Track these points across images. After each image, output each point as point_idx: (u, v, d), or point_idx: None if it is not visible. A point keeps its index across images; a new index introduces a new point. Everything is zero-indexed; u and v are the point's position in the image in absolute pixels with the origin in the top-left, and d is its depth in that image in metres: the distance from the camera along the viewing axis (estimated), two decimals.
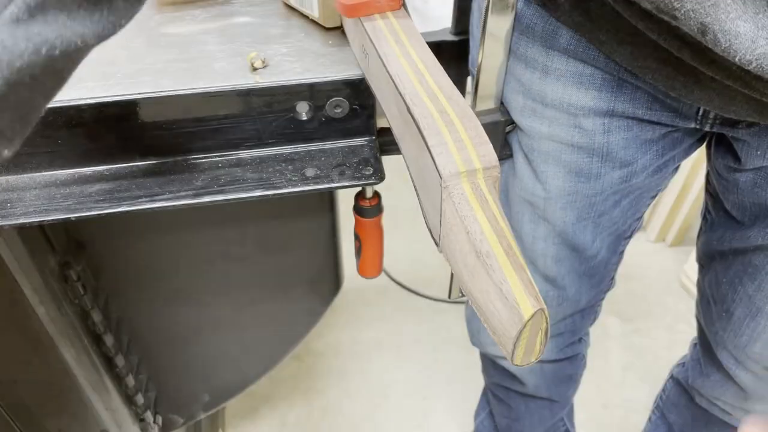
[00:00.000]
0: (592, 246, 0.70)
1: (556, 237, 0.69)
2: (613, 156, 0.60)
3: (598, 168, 0.61)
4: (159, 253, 0.74)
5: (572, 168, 0.62)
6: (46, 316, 0.65)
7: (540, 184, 0.64)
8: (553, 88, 0.57)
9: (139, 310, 0.79)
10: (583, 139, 0.59)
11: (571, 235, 0.68)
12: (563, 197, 0.64)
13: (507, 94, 0.62)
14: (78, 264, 0.68)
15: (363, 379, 1.43)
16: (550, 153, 0.62)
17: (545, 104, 0.58)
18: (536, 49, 0.56)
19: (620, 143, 0.59)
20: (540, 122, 0.60)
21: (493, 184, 0.37)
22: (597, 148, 0.59)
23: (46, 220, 0.51)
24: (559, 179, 0.63)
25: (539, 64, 0.57)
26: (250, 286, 0.82)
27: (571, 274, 0.74)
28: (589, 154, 0.60)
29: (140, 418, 0.87)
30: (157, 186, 0.54)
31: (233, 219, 0.72)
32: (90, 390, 0.75)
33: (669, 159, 0.63)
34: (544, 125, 0.60)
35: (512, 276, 0.32)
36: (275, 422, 1.35)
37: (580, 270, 0.74)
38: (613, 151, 0.59)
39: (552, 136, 0.60)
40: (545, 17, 0.54)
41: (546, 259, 0.72)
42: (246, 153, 0.57)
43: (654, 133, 0.59)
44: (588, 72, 0.55)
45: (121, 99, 0.52)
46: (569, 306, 0.79)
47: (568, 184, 0.63)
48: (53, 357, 0.68)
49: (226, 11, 0.63)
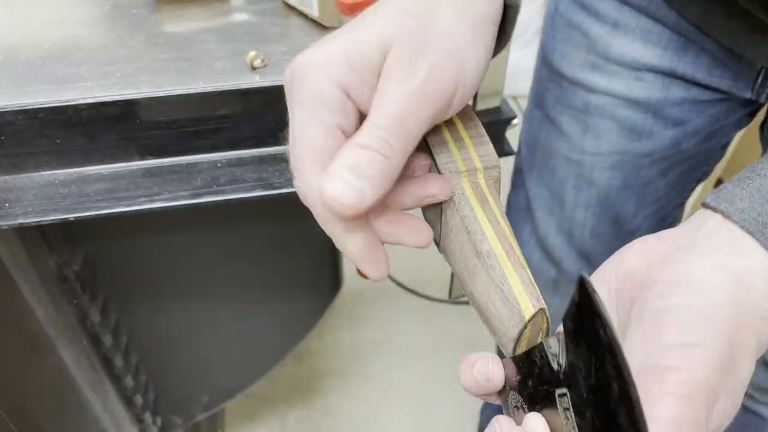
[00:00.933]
0: (633, 220, 0.70)
1: (598, 204, 0.69)
2: (666, 113, 0.61)
3: (651, 125, 0.62)
4: (158, 253, 0.73)
5: (626, 124, 0.63)
6: (45, 316, 0.65)
7: (592, 139, 0.65)
8: (620, 42, 0.59)
9: (137, 310, 0.79)
10: (641, 93, 0.61)
11: (613, 200, 0.68)
12: (613, 155, 0.65)
13: (565, 50, 0.64)
14: (76, 264, 0.68)
15: (363, 379, 1.43)
16: (605, 107, 0.63)
17: (608, 58, 0.60)
18: (609, 2, 0.58)
19: (676, 101, 0.60)
20: (600, 76, 0.61)
21: (494, 183, 0.37)
22: (653, 104, 0.61)
23: (44, 221, 0.51)
24: (612, 134, 0.64)
25: (610, 18, 0.59)
26: (250, 286, 0.81)
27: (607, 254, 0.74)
28: (645, 109, 0.61)
29: (139, 419, 0.86)
30: (156, 186, 0.54)
31: (233, 219, 0.72)
32: (89, 391, 0.74)
33: (719, 128, 0.64)
34: (604, 79, 0.61)
35: (513, 276, 0.32)
36: (275, 423, 1.35)
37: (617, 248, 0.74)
38: (667, 108, 0.61)
39: (610, 89, 0.62)
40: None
41: (584, 231, 0.72)
42: (246, 153, 0.57)
43: (711, 97, 0.60)
44: (657, 30, 0.57)
45: (119, 98, 0.51)
46: None
47: (620, 141, 0.64)
48: (52, 357, 0.68)
49: (225, 10, 0.63)
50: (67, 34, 0.59)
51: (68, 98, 0.51)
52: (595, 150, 0.66)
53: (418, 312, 1.55)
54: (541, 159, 0.72)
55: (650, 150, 0.64)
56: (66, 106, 0.51)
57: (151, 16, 0.62)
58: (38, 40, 0.58)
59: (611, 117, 0.63)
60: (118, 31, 0.59)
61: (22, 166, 0.54)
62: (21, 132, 0.51)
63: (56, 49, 0.56)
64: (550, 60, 0.67)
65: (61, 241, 0.67)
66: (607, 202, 0.69)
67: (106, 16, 0.61)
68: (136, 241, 0.71)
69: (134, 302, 0.78)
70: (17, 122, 0.51)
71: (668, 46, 0.57)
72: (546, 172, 0.72)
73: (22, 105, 0.50)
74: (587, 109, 0.64)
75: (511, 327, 0.32)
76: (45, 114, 0.51)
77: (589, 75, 0.62)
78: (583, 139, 0.66)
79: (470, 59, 0.33)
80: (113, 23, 0.60)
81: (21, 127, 0.51)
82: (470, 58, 0.33)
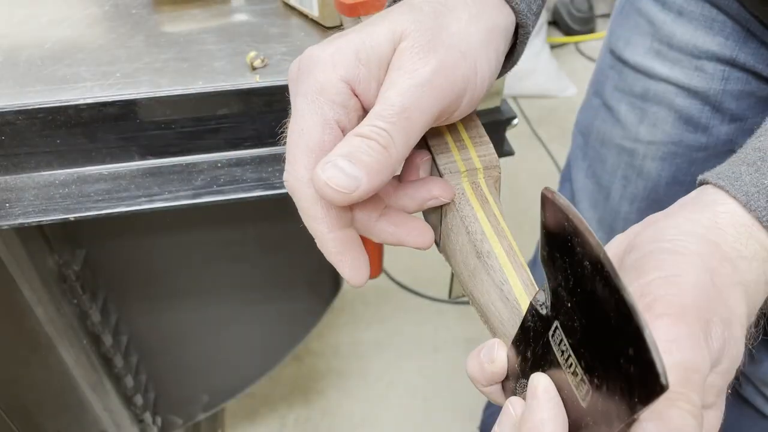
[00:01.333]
0: None
1: (645, 199, 0.70)
2: (725, 107, 0.62)
3: (708, 118, 0.63)
4: (158, 253, 0.73)
5: (683, 114, 0.64)
6: (45, 316, 0.65)
7: (647, 127, 0.66)
8: (684, 30, 0.60)
9: (138, 310, 0.79)
10: (701, 83, 0.62)
11: (661, 195, 0.69)
12: (667, 145, 0.66)
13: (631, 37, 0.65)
14: (77, 264, 0.68)
15: (363, 379, 1.43)
16: (665, 95, 0.64)
17: (671, 46, 0.62)
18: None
19: (735, 94, 0.61)
20: (662, 63, 0.63)
21: (494, 183, 0.37)
22: (712, 95, 0.62)
23: (44, 221, 0.51)
24: (668, 124, 0.65)
25: (676, 5, 0.60)
26: (250, 286, 0.81)
27: None
28: (703, 101, 0.62)
29: (139, 419, 0.86)
30: (156, 186, 0.54)
31: (233, 219, 0.72)
32: (89, 390, 0.74)
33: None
34: (666, 66, 0.62)
35: (513, 276, 0.32)
36: (275, 423, 1.35)
37: None
38: (726, 101, 0.62)
39: (670, 77, 0.63)
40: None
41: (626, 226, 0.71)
42: (245, 153, 0.57)
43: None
44: (720, 19, 0.58)
45: (119, 98, 0.51)
46: None
47: (675, 131, 0.65)
48: (52, 357, 0.68)
49: (225, 10, 0.63)
50: (67, 35, 0.59)
51: (68, 98, 0.51)
52: (649, 138, 0.66)
53: (418, 312, 1.55)
54: (593, 148, 0.73)
55: (705, 144, 0.64)
56: (66, 106, 0.51)
57: (151, 16, 0.62)
58: (38, 40, 0.58)
59: (669, 105, 0.64)
60: (118, 32, 0.59)
61: (22, 166, 0.54)
62: (21, 132, 0.51)
63: (56, 50, 0.56)
64: (614, 47, 0.68)
65: (61, 241, 0.67)
66: (654, 196, 0.69)
67: (106, 17, 0.61)
68: (137, 241, 0.71)
69: (134, 302, 0.78)
70: (18, 122, 0.51)
71: (730, 36, 0.58)
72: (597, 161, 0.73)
73: (22, 105, 0.50)
74: (646, 95, 0.65)
75: (511, 327, 0.32)
76: (45, 114, 0.51)
77: (652, 61, 0.63)
78: (638, 126, 0.67)
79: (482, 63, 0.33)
80: (113, 23, 0.60)
81: (21, 127, 0.51)
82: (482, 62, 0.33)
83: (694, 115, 0.63)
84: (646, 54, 0.64)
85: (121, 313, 0.78)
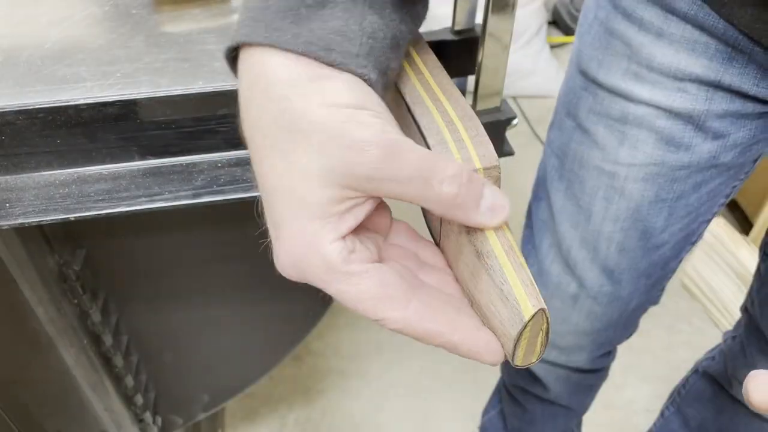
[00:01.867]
0: (661, 235, 0.69)
1: (627, 218, 0.68)
2: (708, 126, 0.60)
3: (691, 137, 0.61)
4: (158, 253, 0.73)
5: (664, 135, 0.62)
6: (45, 316, 0.65)
7: (627, 150, 0.64)
8: (664, 52, 0.57)
9: (138, 310, 0.79)
10: (683, 104, 0.59)
11: (644, 215, 0.67)
12: (648, 166, 0.64)
13: (604, 58, 0.62)
14: (77, 264, 0.68)
15: (363, 379, 1.43)
16: (644, 118, 0.61)
17: (651, 68, 0.59)
18: (654, 11, 0.57)
19: (719, 113, 0.59)
20: (641, 86, 0.60)
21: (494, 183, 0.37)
22: (695, 116, 0.60)
23: (45, 220, 0.51)
24: (648, 146, 0.63)
25: (654, 27, 0.57)
26: (250, 286, 0.81)
27: (631, 270, 0.73)
28: (685, 121, 0.60)
29: (139, 418, 0.86)
30: (157, 186, 0.54)
31: (233, 219, 0.72)
32: (89, 390, 0.74)
33: (756, 142, 0.63)
34: (645, 89, 0.60)
35: (513, 276, 0.32)
36: (275, 423, 1.35)
37: (641, 266, 0.73)
38: (709, 120, 0.60)
39: (651, 100, 0.60)
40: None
41: (611, 246, 0.71)
42: (246, 153, 0.56)
43: (754, 110, 0.59)
44: (703, 40, 0.55)
45: (120, 99, 0.51)
46: (618, 307, 0.78)
47: (656, 152, 0.63)
48: (52, 357, 0.68)
49: (225, 10, 0.63)
50: (68, 35, 0.59)
51: (68, 98, 0.51)
52: (629, 161, 0.64)
53: None
54: (571, 170, 0.71)
55: (687, 162, 0.63)
56: (66, 106, 0.51)
57: (151, 16, 0.62)
58: (38, 40, 0.58)
59: (650, 127, 0.62)
60: (119, 32, 0.59)
61: (22, 166, 0.54)
62: (21, 132, 0.51)
63: (56, 50, 0.56)
64: (585, 68, 0.65)
65: (61, 240, 0.67)
66: (637, 215, 0.67)
67: (106, 17, 0.61)
68: (137, 241, 0.71)
69: (135, 302, 0.78)
70: (17, 122, 0.51)
71: (714, 57, 0.56)
72: (575, 183, 0.71)
73: (22, 105, 0.50)
74: (625, 119, 0.62)
75: (511, 327, 0.32)
76: (45, 114, 0.51)
77: (630, 84, 0.61)
78: (618, 149, 0.64)
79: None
80: (113, 23, 0.60)
81: (21, 128, 0.51)
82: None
83: (676, 136, 0.61)
84: (623, 76, 0.61)
85: (122, 312, 0.78)
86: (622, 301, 0.77)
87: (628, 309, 0.79)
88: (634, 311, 0.81)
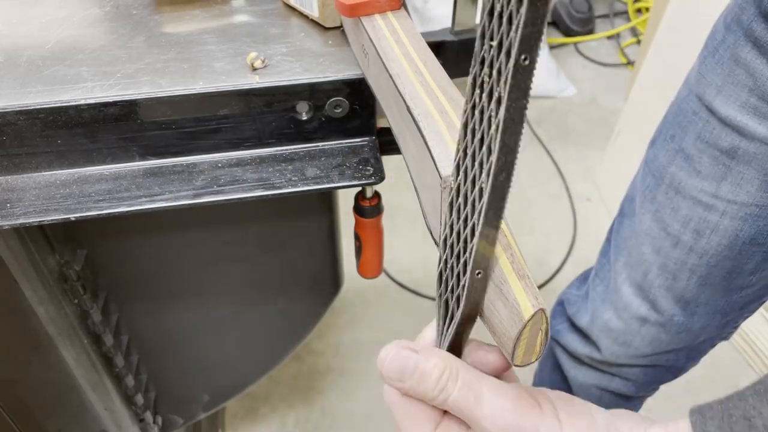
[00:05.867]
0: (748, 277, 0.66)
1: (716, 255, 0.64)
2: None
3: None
4: (159, 253, 0.73)
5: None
6: (46, 316, 0.65)
7: (730, 185, 0.60)
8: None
9: (138, 310, 0.79)
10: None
11: (735, 254, 0.63)
12: (750, 206, 0.60)
13: (724, 86, 0.58)
14: (77, 264, 0.68)
15: (363, 379, 1.43)
16: (756, 156, 0.58)
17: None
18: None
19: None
20: (758, 122, 0.56)
21: None
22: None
23: (45, 221, 0.51)
24: (753, 186, 0.59)
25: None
26: (250, 286, 0.81)
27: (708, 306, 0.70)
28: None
29: (140, 418, 0.86)
30: (157, 186, 0.54)
31: (233, 219, 0.72)
32: (89, 390, 0.75)
33: None
34: (762, 126, 0.56)
35: (512, 276, 0.32)
36: (275, 423, 1.35)
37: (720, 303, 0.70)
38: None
39: (766, 138, 0.56)
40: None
41: (692, 278, 0.68)
42: (246, 153, 0.57)
43: None
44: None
45: (120, 99, 0.52)
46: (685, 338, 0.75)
47: (761, 194, 0.59)
48: (53, 357, 0.68)
49: (225, 11, 0.63)
50: (68, 35, 0.59)
51: (69, 99, 0.51)
52: (730, 197, 0.61)
53: (418, 312, 1.55)
54: (665, 194, 0.67)
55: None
56: (67, 106, 0.51)
57: (151, 17, 0.62)
58: (39, 40, 0.58)
59: (759, 167, 0.58)
60: (119, 32, 0.59)
61: (23, 167, 0.54)
62: (22, 132, 0.52)
63: (57, 50, 0.57)
64: (702, 93, 0.61)
65: (62, 241, 0.67)
66: (728, 253, 0.64)
67: (107, 17, 0.61)
68: (137, 241, 0.71)
69: (135, 302, 0.78)
70: (18, 123, 0.51)
71: None
72: (667, 208, 0.67)
73: (23, 105, 0.50)
74: (734, 153, 0.59)
75: (511, 327, 0.32)
76: (46, 114, 0.51)
77: (746, 118, 0.57)
78: (720, 183, 0.61)
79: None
80: (114, 24, 0.60)
81: (22, 128, 0.51)
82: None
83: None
84: (741, 108, 0.57)
85: (122, 312, 0.78)
86: (692, 334, 0.74)
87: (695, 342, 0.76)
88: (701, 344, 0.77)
